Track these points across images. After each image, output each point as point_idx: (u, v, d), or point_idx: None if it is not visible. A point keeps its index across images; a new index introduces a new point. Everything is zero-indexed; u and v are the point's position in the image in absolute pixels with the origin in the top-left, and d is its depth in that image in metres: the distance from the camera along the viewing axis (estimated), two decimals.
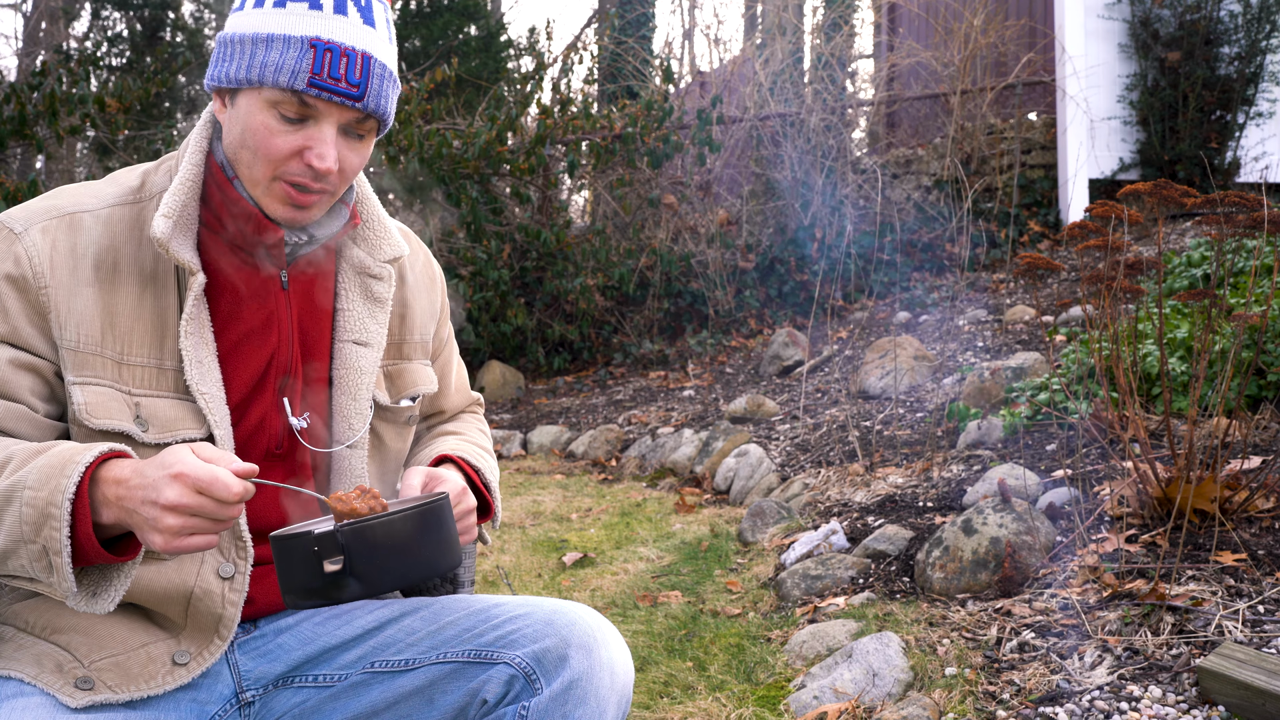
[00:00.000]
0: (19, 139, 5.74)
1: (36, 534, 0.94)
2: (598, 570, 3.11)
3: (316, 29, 1.08)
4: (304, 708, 1.16)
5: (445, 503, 1.02)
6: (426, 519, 0.98)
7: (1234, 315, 2.26)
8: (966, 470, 3.09)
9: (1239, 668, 1.64)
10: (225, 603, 1.13)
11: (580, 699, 1.07)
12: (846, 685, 1.99)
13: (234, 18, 1.13)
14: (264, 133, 1.09)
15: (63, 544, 0.94)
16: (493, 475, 1.36)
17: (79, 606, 0.99)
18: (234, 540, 1.14)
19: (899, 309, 5.70)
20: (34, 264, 1.07)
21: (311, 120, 1.10)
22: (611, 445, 4.88)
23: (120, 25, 10.29)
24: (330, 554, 0.94)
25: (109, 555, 0.97)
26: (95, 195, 1.14)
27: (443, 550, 0.99)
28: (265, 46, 1.08)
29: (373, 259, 1.27)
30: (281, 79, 1.07)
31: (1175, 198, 2.11)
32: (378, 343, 1.26)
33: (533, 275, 6.50)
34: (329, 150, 1.10)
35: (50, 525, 0.94)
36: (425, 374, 1.35)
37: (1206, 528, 2.18)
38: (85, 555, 0.96)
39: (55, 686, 1.04)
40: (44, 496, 0.95)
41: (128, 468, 0.97)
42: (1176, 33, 5.66)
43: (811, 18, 8.08)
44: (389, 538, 0.95)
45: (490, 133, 6.16)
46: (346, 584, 0.94)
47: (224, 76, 1.10)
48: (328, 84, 1.07)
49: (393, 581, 0.96)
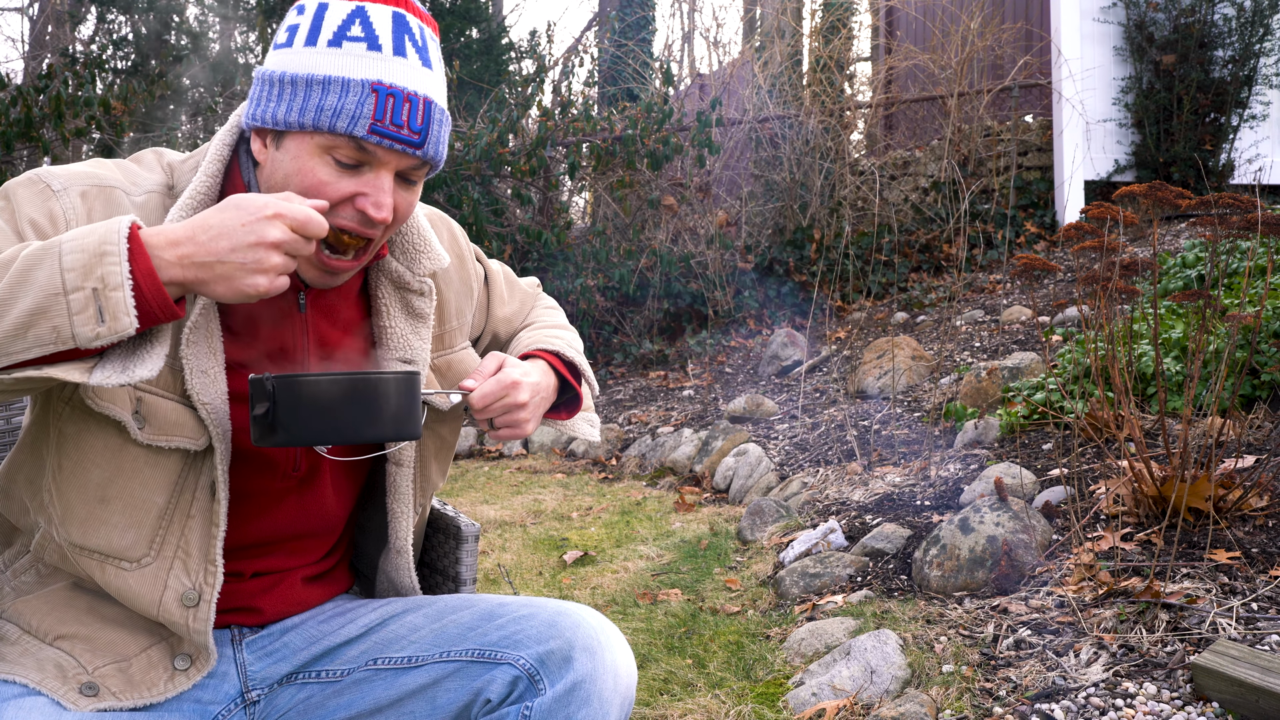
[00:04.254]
0: (25, 141, 5.74)
1: (86, 277, 0.87)
2: (598, 568, 3.13)
3: (378, 72, 1.03)
4: (308, 704, 1.17)
5: (389, 379, 1.03)
6: (357, 387, 1.01)
7: (1228, 316, 2.28)
8: (963, 469, 3.12)
9: (1233, 665, 1.66)
10: (191, 631, 1.09)
11: (584, 700, 1.07)
12: (845, 682, 2.01)
13: (281, 55, 1.06)
14: (316, 178, 1.04)
15: (125, 276, 0.87)
16: (574, 351, 1.30)
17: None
18: (205, 562, 1.09)
19: (897, 309, 5.72)
20: (69, 226, 1.01)
21: (368, 166, 1.06)
22: (612, 444, 4.90)
23: (125, 28, 10.30)
24: (259, 399, 0.99)
25: (166, 295, 0.91)
26: (133, 180, 1.09)
27: (372, 420, 1.02)
28: (322, 89, 1.02)
29: (411, 273, 1.21)
30: (340, 124, 1.02)
31: (1170, 199, 2.14)
32: (423, 359, 1.21)
33: (533, 276, 6.52)
34: (386, 199, 1.06)
35: (108, 261, 0.87)
36: (471, 360, 1.31)
37: (1201, 526, 2.20)
38: (141, 300, 0.89)
39: (59, 692, 1.05)
40: (93, 240, 0.88)
41: (178, 230, 0.92)
42: (1171, 36, 5.69)
43: (810, 21, 8.10)
44: (313, 396, 0.99)
45: (491, 135, 6.18)
46: (274, 429, 0.99)
47: (271, 118, 1.05)
48: (390, 131, 1.03)
49: (313, 437, 1.01)
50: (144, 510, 1.07)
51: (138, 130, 6.49)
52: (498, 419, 1.15)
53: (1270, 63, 5.64)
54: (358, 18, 1.04)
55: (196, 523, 1.09)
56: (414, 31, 1.07)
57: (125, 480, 1.06)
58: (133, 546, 1.07)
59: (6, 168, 5.82)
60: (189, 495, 1.08)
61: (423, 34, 1.08)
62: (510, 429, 1.16)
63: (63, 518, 1.07)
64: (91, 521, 1.06)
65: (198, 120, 8.32)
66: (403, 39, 1.05)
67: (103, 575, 1.08)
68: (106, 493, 1.06)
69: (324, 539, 1.26)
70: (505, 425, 1.16)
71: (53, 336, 0.88)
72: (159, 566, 1.08)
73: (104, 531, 1.06)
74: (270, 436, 1.00)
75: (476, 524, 1.38)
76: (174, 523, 1.08)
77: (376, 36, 1.04)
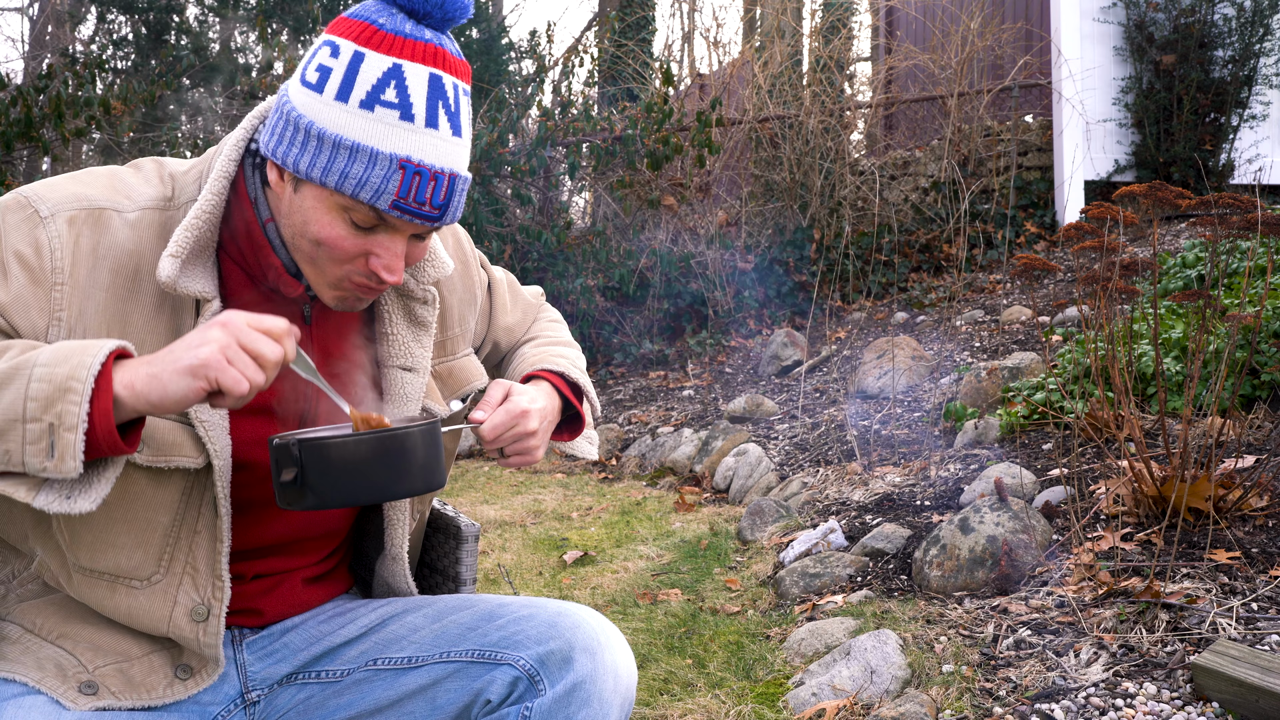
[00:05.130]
0: (25, 141, 5.74)
1: (46, 410, 0.89)
2: (598, 568, 3.13)
3: (408, 148, 1.00)
4: (308, 704, 1.17)
5: (415, 432, 1.02)
6: (386, 445, 1.00)
7: (1228, 316, 2.28)
8: (964, 469, 3.12)
9: (1233, 665, 1.66)
10: (201, 645, 1.10)
11: (584, 701, 1.07)
12: (845, 682, 2.02)
13: (309, 99, 1.02)
14: (329, 235, 1.04)
15: (80, 419, 0.88)
16: (577, 371, 1.31)
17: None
18: (212, 578, 1.09)
19: (897, 309, 5.73)
20: (54, 257, 1.00)
21: (383, 229, 1.05)
22: (612, 444, 4.91)
23: (125, 28, 10.30)
24: (286, 464, 0.98)
25: (119, 440, 0.92)
26: (127, 195, 1.07)
27: (401, 475, 1.02)
28: (349, 155, 1.00)
29: (416, 281, 1.20)
30: (364, 195, 1.00)
31: (1170, 199, 2.14)
32: (424, 366, 1.21)
33: (534, 276, 6.52)
34: (399, 264, 1.06)
35: (69, 399, 0.89)
36: (474, 368, 1.32)
37: (1201, 526, 2.20)
38: (93, 440, 0.91)
39: (58, 691, 1.05)
40: (63, 372, 0.89)
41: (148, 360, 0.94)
42: (1171, 36, 5.69)
43: (810, 21, 8.11)
44: (343, 458, 0.98)
45: (492, 135, 6.18)
46: (303, 494, 0.99)
47: (293, 165, 1.02)
48: (411, 207, 1.02)
49: (346, 498, 1.00)
50: (150, 530, 1.07)
51: (138, 130, 6.49)
52: (508, 448, 1.17)
53: (1270, 63, 5.64)
54: (393, 79, 1.00)
55: (203, 538, 1.09)
56: (449, 96, 1.03)
57: (129, 502, 1.06)
58: (141, 566, 1.08)
59: (6, 168, 5.82)
60: (194, 512, 1.09)
61: (456, 94, 1.04)
62: (520, 456, 1.18)
63: (70, 543, 1.07)
64: (99, 545, 1.07)
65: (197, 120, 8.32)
66: (436, 106, 1.02)
67: (113, 596, 1.08)
68: (111, 515, 1.06)
69: (325, 542, 1.26)
70: (516, 453, 1.18)
71: (4, 459, 0.91)
72: (168, 584, 1.08)
73: (112, 554, 1.07)
74: (300, 501, 0.99)
75: (476, 524, 1.38)
76: (180, 539, 1.09)
77: (411, 104, 1.00)
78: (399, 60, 1.01)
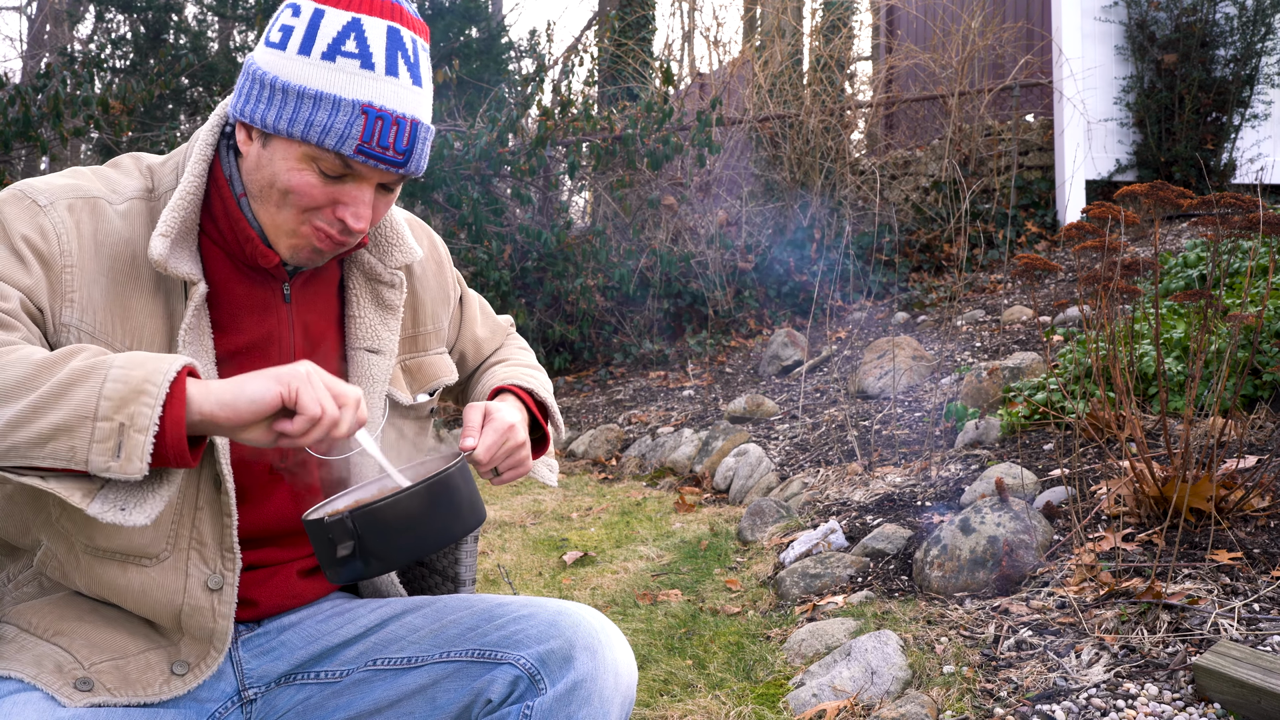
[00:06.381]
0: (23, 141, 5.74)
1: (118, 410, 0.91)
2: (598, 569, 3.13)
3: (369, 94, 1.05)
4: (307, 705, 1.17)
5: (455, 471, 1.02)
6: (435, 491, 1.00)
7: (1230, 315, 2.28)
8: (964, 469, 3.11)
9: (1234, 665, 1.66)
10: (216, 615, 1.12)
11: (585, 699, 1.07)
12: (845, 683, 2.01)
13: (273, 56, 1.07)
14: (299, 183, 1.07)
15: (152, 421, 0.90)
16: (546, 392, 1.34)
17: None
18: (221, 551, 1.12)
19: (897, 309, 5.72)
20: (61, 241, 1.04)
21: (350, 178, 1.08)
22: (611, 445, 4.90)
23: (124, 28, 10.30)
24: (342, 539, 0.97)
25: (186, 449, 0.94)
26: (113, 188, 1.11)
27: (455, 517, 1.01)
28: (312, 104, 1.04)
29: (384, 265, 1.24)
30: (329, 142, 1.04)
31: (1171, 199, 2.13)
32: (390, 349, 1.24)
33: (533, 276, 6.52)
34: (365, 211, 1.09)
35: (143, 401, 0.91)
36: (444, 364, 1.34)
37: (1202, 526, 2.20)
38: (160, 446, 0.92)
39: (54, 687, 1.05)
40: (139, 375, 0.92)
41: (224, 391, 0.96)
42: (1173, 35, 5.69)
43: (810, 20, 8.10)
44: (398, 517, 0.97)
45: (491, 134, 6.17)
46: (366, 563, 0.97)
47: (260, 120, 1.07)
48: (375, 151, 1.05)
49: (407, 556, 0.99)
50: None
51: (136, 129, 6.49)
52: (502, 465, 1.19)
53: (1272, 62, 5.64)
54: (353, 31, 1.05)
55: (206, 514, 1.11)
56: (407, 48, 1.08)
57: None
58: (152, 542, 1.09)
59: (5, 167, 5.81)
60: (194, 488, 1.10)
61: (415, 48, 1.09)
62: (514, 470, 1.20)
63: (78, 527, 1.08)
64: (106, 525, 1.07)
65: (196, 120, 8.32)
66: (395, 56, 1.06)
67: (125, 575, 1.09)
68: None
69: None
70: (510, 468, 1.20)
71: (68, 455, 0.91)
72: (176, 559, 1.10)
73: (122, 532, 1.08)
74: (365, 570, 0.98)
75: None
76: (184, 515, 1.10)
77: (370, 54, 1.05)
78: (358, 14, 1.06)
